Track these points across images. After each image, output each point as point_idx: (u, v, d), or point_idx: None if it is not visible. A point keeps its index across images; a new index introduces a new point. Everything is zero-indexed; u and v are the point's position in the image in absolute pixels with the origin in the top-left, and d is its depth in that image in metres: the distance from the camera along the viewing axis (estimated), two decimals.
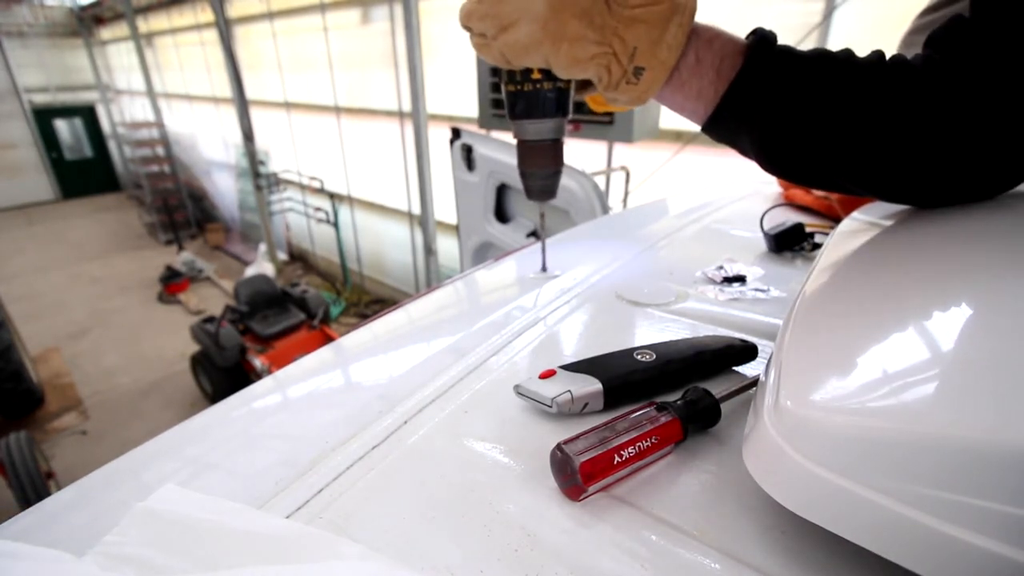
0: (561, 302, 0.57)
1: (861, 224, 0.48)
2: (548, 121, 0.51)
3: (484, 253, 1.93)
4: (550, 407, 0.37)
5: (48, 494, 0.36)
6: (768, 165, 0.42)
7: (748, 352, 0.43)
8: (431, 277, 4.76)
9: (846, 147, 0.38)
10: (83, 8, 9.83)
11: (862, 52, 0.39)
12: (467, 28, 0.42)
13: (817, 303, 0.35)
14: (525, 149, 0.54)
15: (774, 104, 0.38)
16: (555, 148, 0.53)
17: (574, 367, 0.39)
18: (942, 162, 0.37)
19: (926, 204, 0.43)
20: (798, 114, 0.38)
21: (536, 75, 0.47)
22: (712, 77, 0.39)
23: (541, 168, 0.54)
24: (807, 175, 0.42)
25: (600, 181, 2.16)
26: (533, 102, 0.49)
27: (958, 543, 0.20)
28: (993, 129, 0.35)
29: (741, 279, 0.61)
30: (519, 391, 0.39)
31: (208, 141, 7.90)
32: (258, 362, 3.75)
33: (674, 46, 0.38)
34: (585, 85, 0.48)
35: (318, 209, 5.92)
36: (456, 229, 2.11)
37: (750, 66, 0.38)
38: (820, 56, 0.38)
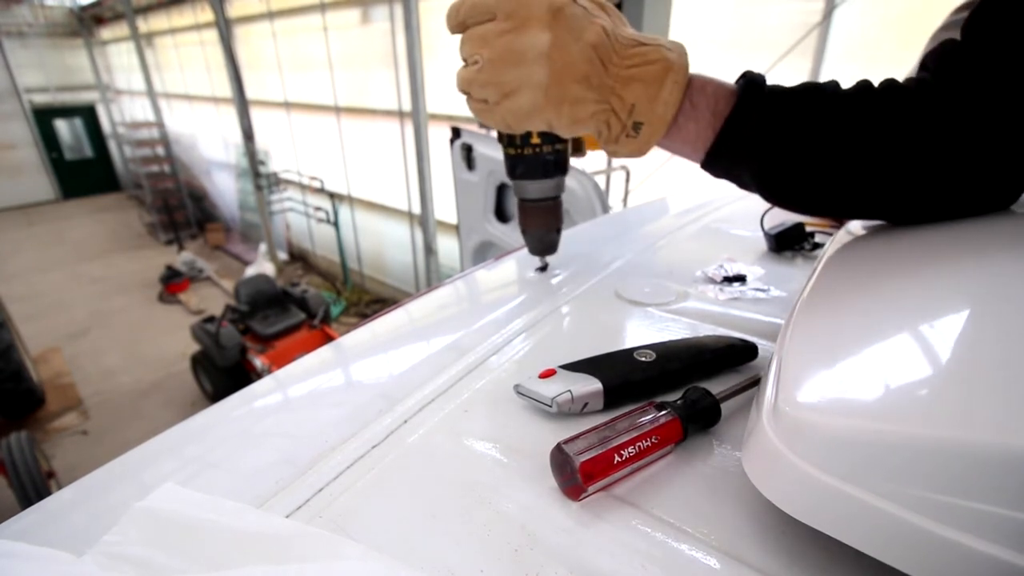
0: (561, 301, 0.57)
1: (864, 227, 0.48)
2: (549, 181, 0.53)
3: (484, 252, 1.93)
4: (550, 407, 0.37)
5: (49, 494, 0.36)
6: (769, 196, 0.43)
7: (748, 352, 0.43)
8: (431, 276, 4.76)
9: (840, 171, 0.39)
10: (83, 8, 9.83)
11: (862, 52, 0.40)
12: (466, 93, 0.43)
13: (818, 306, 0.35)
14: (527, 209, 0.55)
15: (770, 136, 0.39)
16: (555, 207, 0.55)
17: (574, 367, 0.39)
18: (935, 181, 0.38)
19: (920, 223, 0.43)
20: (793, 143, 0.39)
21: (535, 140, 0.49)
22: (708, 119, 0.40)
23: (543, 228, 0.56)
24: (808, 203, 0.43)
25: (600, 180, 2.16)
26: (534, 164, 0.51)
27: (957, 547, 0.20)
28: (985, 148, 0.36)
29: (741, 279, 0.61)
30: (519, 390, 0.39)
31: (208, 141, 7.90)
32: (258, 362, 3.75)
33: (671, 102, 0.39)
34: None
35: (318, 209, 5.92)
36: (456, 228, 2.11)
37: (744, 103, 0.39)
38: (809, 89, 0.39)
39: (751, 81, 0.40)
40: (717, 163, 0.42)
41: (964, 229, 0.39)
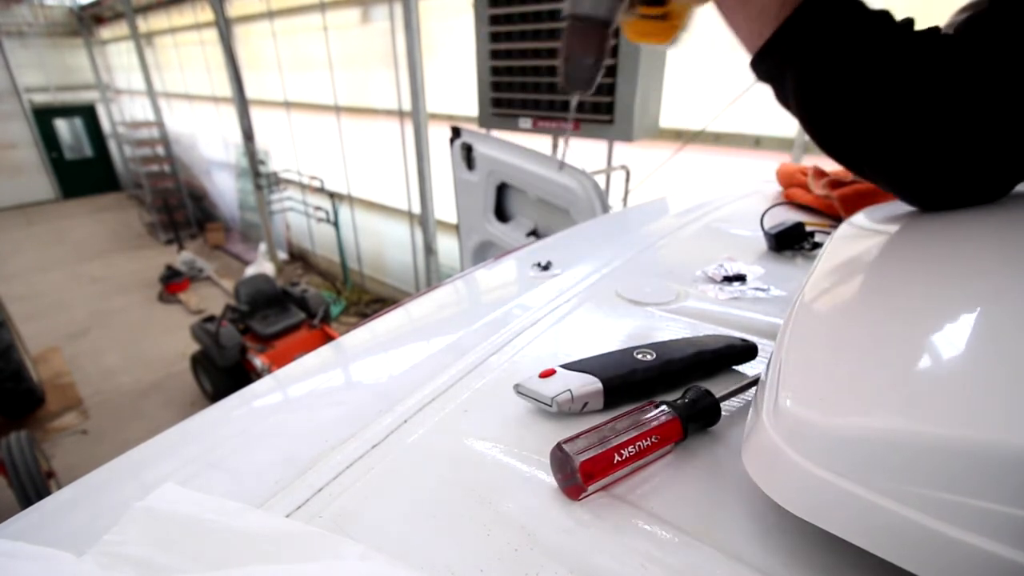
0: (561, 301, 0.56)
1: (862, 225, 0.48)
2: None
3: (484, 252, 1.93)
4: (550, 406, 0.37)
5: (48, 493, 0.36)
6: (804, 113, 0.42)
7: (748, 352, 0.43)
8: (431, 276, 4.75)
9: (880, 104, 0.38)
10: (83, 8, 9.82)
11: None
12: None
13: (817, 304, 0.35)
14: (575, 28, 0.51)
15: (832, 41, 0.38)
16: (604, 34, 0.51)
17: (574, 366, 0.39)
18: (950, 140, 0.37)
19: (935, 196, 0.43)
20: (849, 59, 0.38)
21: None
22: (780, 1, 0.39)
23: (585, 55, 0.52)
24: (836, 134, 0.42)
25: (600, 180, 2.16)
26: None
27: (958, 545, 0.20)
28: (999, 113, 0.36)
29: (741, 278, 0.61)
30: (519, 390, 0.39)
31: (208, 140, 7.90)
32: (258, 361, 3.75)
33: None
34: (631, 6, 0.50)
35: (318, 208, 5.92)
36: (456, 228, 2.11)
37: None
38: (883, 13, 0.39)
39: None
40: (770, 56, 0.41)
41: (964, 226, 0.39)
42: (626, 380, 0.38)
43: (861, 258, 0.41)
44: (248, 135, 6.12)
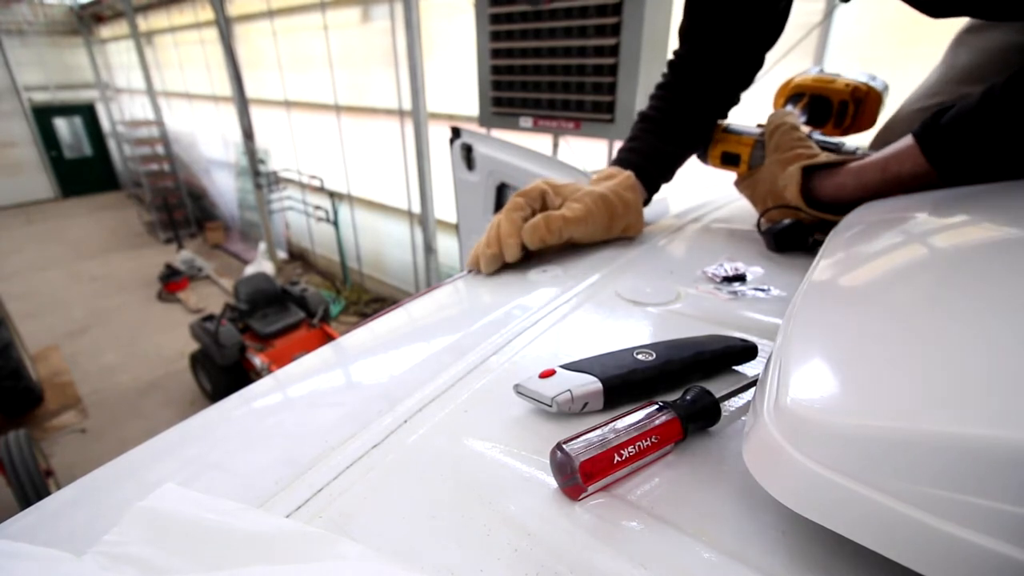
0: (561, 301, 0.56)
1: (861, 221, 0.48)
2: None
3: None
4: (550, 406, 0.37)
5: (47, 492, 0.36)
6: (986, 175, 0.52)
7: (748, 352, 0.43)
8: (431, 276, 4.76)
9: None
10: (83, 6, 9.82)
11: (862, 52, 0.40)
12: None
13: (817, 300, 0.35)
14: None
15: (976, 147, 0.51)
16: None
17: (574, 366, 0.39)
18: None
19: None
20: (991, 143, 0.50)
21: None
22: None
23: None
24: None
25: None
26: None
27: (959, 542, 0.20)
28: None
29: (741, 278, 0.61)
30: (519, 390, 0.39)
31: (208, 139, 7.90)
32: (258, 360, 3.75)
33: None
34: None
35: (318, 208, 5.92)
36: (456, 228, 2.11)
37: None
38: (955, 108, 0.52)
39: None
40: (946, 180, 0.53)
41: (964, 220, 0.39)
42: (626, 380, 0.38)
43: (861, 254, 0.41)
44: (248, 134, 6.12)
